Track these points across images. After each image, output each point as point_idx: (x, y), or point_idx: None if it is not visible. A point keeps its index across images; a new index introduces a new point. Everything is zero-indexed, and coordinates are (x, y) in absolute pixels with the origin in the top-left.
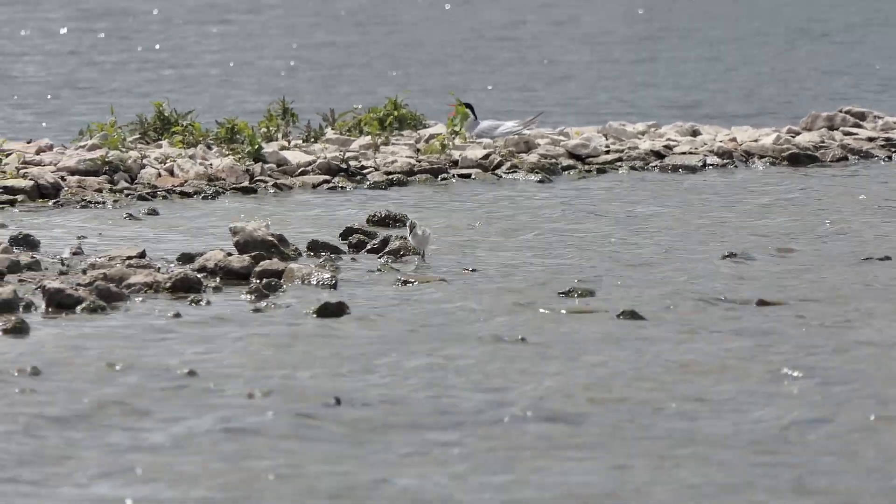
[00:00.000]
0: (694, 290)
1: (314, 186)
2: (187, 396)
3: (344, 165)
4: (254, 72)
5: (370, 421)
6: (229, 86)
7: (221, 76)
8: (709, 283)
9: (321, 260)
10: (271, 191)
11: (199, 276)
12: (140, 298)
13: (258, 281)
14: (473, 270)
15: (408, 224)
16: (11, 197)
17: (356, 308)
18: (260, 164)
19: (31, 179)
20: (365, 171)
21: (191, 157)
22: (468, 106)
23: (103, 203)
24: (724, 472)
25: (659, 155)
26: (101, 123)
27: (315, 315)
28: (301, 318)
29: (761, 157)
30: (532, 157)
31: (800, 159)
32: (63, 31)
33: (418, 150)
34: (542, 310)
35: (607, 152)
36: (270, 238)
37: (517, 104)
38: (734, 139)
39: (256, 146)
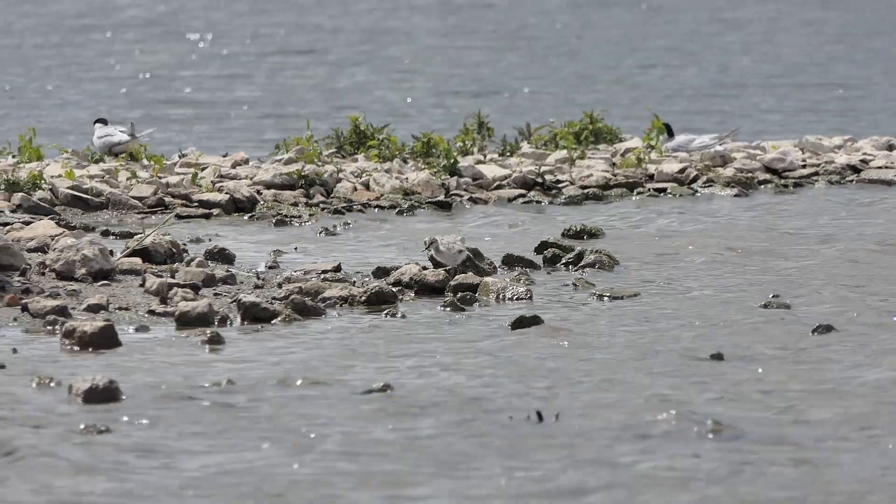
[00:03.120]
0: (894, 306)
1: (509, 200)
2: (380, 410)
3: (539, 179)
4: (452, 86)
5: (580, 435)
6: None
7: (416, 90)
8: None
9: (516, 274)
10: (466, 205)
11: (394, 289)
12: (335, 312)
13: (453, 294)
14: (669, 284)
15: (427, 242)
16: (207, 211)
17: (552, 322)
18: (455, 178)
19: (226, 193)
20: (560, 185)
21: (386, 171)
22: (666, 126)
23: (299, 217)
24: None
25: (855, 169)
26: (298, 137)
27: (510, 328)
28: (496, 331)
29: None
30: (728, 172)
31: None
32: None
33: (614, 164)
34: (737, 324)
35: (803, 166)
36: (466, 252)
37: (712, 119)
38: None
39: (452, 160)
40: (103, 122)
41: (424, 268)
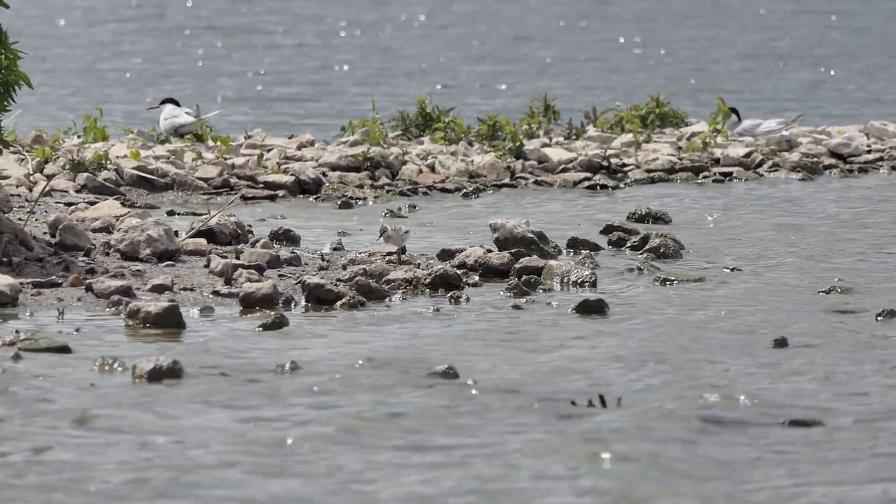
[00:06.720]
0: None
1: (575, 184)
2: (445, 393)
3: (605, 163)
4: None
5: (647, 419)
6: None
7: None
8: None
9: (581, 257)
10: (532, 187)
11: (458, 272)
12: (400, 294)
13: (517, 278)
14: (733, 269)
15: (380, 229)
16: (272, 192)
17: (616, 305)
18: (521, 161)
19: (291, 175)
20: (626, 169)
21: (452, 153)
22: (733, 110)
23: (364, 199)
24: None
25: None
26: (364, 119)
27: (575, 312)
28: (561, 315)
29: None
30: (794, 156)
31: None
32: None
33: (680, 148)
34: (801, 310)
35: (868, 152)
36: (530, 235)
37: (781, 103)
38: None
39: (518, 143)
40: (173, 102)
41: (489, 250)
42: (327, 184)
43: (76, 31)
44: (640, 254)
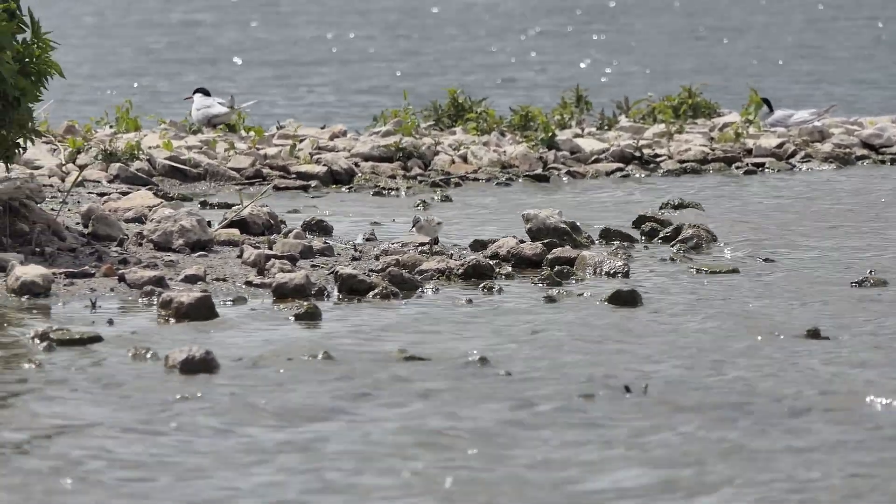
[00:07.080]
0: None
1: (607, 174)
2: (479, 383)
3: (637, 153)
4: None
5: (678, 409)
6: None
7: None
8: None
9: (613, 248)
10: (564, 178)
11: (490, 262)
12: (432, 285)
13: (550, 268)
14: (766, 260)
15: (412, 220)
16: (305, 182)
17: (649, 296)
18: (553, 151)
19: (324, 165)
20: (658, 160)
21: (484, 144)
22: (765, 101)
23: (396, 189)
24: None
25: None
26: (396, 110)
27: (607, 303)
28: (593, 305)
29: None
30: (826, 147)
31: None
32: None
33: (712, 139)
34: (835, 301)
35: None
36: (563, 225)
37: (813, 95)
38: None
39: (550, 134)
40: (204, 92)
41: (521, 241)
42: (359, 174)
43: (102, 21)
44: (673, 244)
